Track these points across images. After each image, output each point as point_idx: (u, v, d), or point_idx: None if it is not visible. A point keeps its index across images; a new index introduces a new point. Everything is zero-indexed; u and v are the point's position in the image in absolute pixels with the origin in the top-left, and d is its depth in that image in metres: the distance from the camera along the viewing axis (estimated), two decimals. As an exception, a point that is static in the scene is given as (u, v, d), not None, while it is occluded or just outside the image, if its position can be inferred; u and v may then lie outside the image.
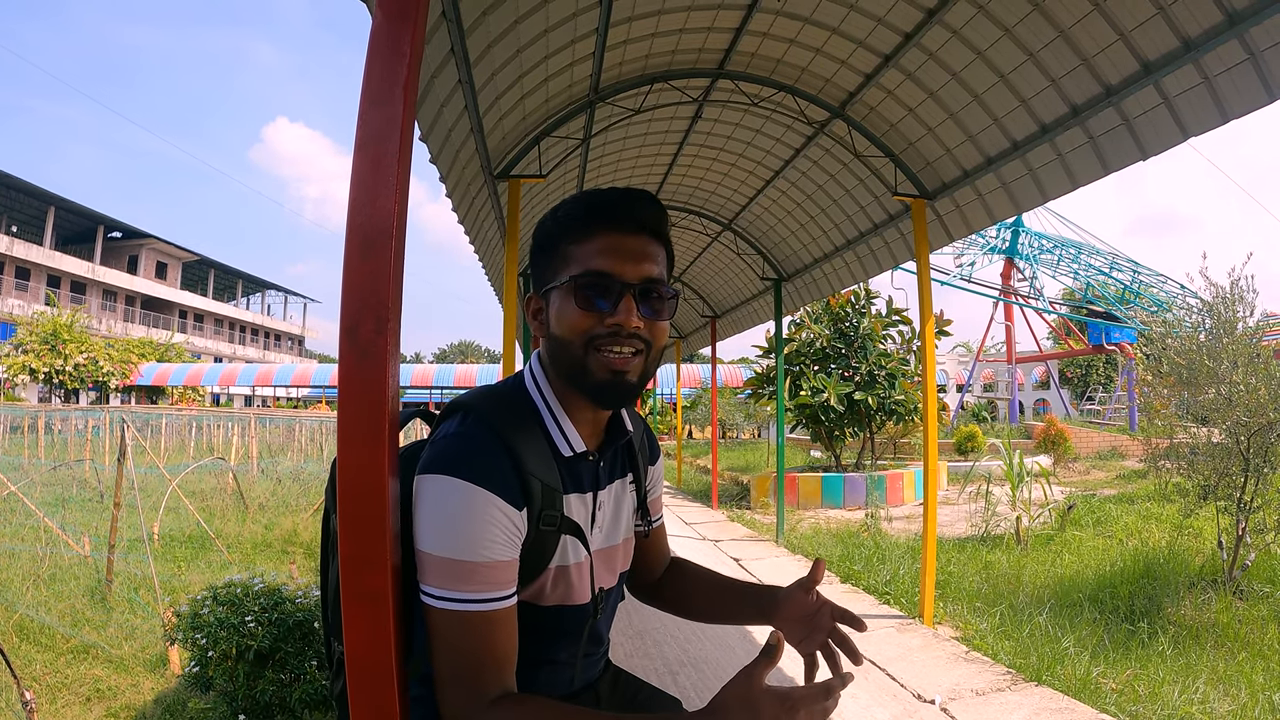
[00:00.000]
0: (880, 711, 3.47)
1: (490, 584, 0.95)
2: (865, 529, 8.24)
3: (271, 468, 12.71)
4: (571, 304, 1.02)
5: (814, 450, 16.18)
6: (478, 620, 0.94)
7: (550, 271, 1.07)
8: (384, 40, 0.97)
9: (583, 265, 1.02)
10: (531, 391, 1.09)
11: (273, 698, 2.87)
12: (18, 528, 7.04)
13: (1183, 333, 5.82)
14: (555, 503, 1.03)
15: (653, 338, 1.05)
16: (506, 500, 0.96)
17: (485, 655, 0.95)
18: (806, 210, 7.04)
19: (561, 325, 1.04)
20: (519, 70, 4.19)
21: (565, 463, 1.07)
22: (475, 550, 0.94)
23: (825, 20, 4.54)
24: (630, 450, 1.21)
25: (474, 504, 0.94)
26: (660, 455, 1.34)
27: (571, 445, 1.07)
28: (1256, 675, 3.73)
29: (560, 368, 1.06)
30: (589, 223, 1.05)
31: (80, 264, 38.10)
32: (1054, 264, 23.91)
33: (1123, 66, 3.61)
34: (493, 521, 0.95)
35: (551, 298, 1.06)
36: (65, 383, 30.87)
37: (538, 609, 1.06)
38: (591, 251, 1.03)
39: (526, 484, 0.99)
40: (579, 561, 1.09)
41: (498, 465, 0.97)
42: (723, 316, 11.45)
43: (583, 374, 1.03)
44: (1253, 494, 5.05)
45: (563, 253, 1.05)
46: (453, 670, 0.94)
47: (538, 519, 1.01)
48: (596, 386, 1.03)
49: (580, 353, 1.02)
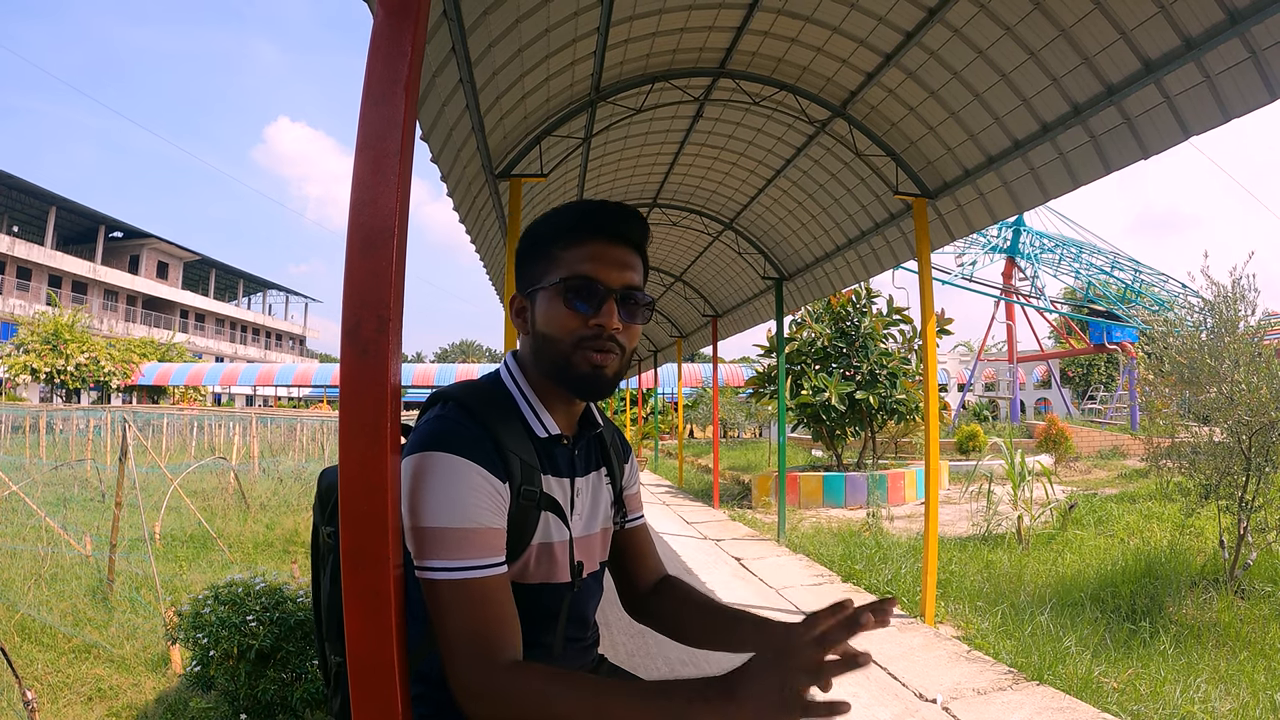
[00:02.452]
0: (882, 711, 3.47)
1: (486, 549, 1.00)
2: (867, 528, 8.24)
3: (273, 467, 12.72)
4: (560, 304, 1.10)
5: (815, 449, 16.19)
6: (479, 587, 0.98)
7: (537, 273, 1.14)
8: (385, 39, 0.97)
9: (571, 269, 1.10)
10: (508, 383, 1.17)
11: (274, 697, 2.87)
12: (19, 527, 7.04)
13: (1184, 332, 5.80)
14: (534, 479, 1.09)
15: (629, 340, 1.14)
16: (491, 471, 1.02)
17: (492, 621, 0.98)
18: (808, 209, 7.04)
19: (548, 324, 1.11)
20: (520, 69, 4.19)
21: (541, 444, 1.13)
22: (469, 517, 0.99)
23: (826, 19, 4.54)
24: (602, 443, 1.29)
25: (462, 474, 1.00)
26: (632, 453, 1.40)
27: (546, 428, 1.14)
28: (1258, 674, 3.73)
29: (544, 362, 1.13)
30: (580, 230, 1.12)
31: (81, 264, 38.13)
32: (1055, 263, 23.89)
33: (1124, 65, 3.61)
34: (480, 490, 1.01)
35: (538, 298, 1.13)
36: (67, 383, 30.90)
37: (521, 587, 1.09)
38: (580, 257, 1.10)
39: (506, 459, 1.05)
40: (561, 540, 1.14)
41: (480, 442, 1.04)
42: (724, 316, 11.44)
43: (566, 368, 1.10)
44: (1254, 493, 5.04)
45: (551, 256, 1.12)
46: (463, 641, 0.96)
47: (518, 493, 1.06)
48: (578, 379, 1.10)
49: (566, 349, 1.10)
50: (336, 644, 1.15)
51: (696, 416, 30.34)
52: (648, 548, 1.39)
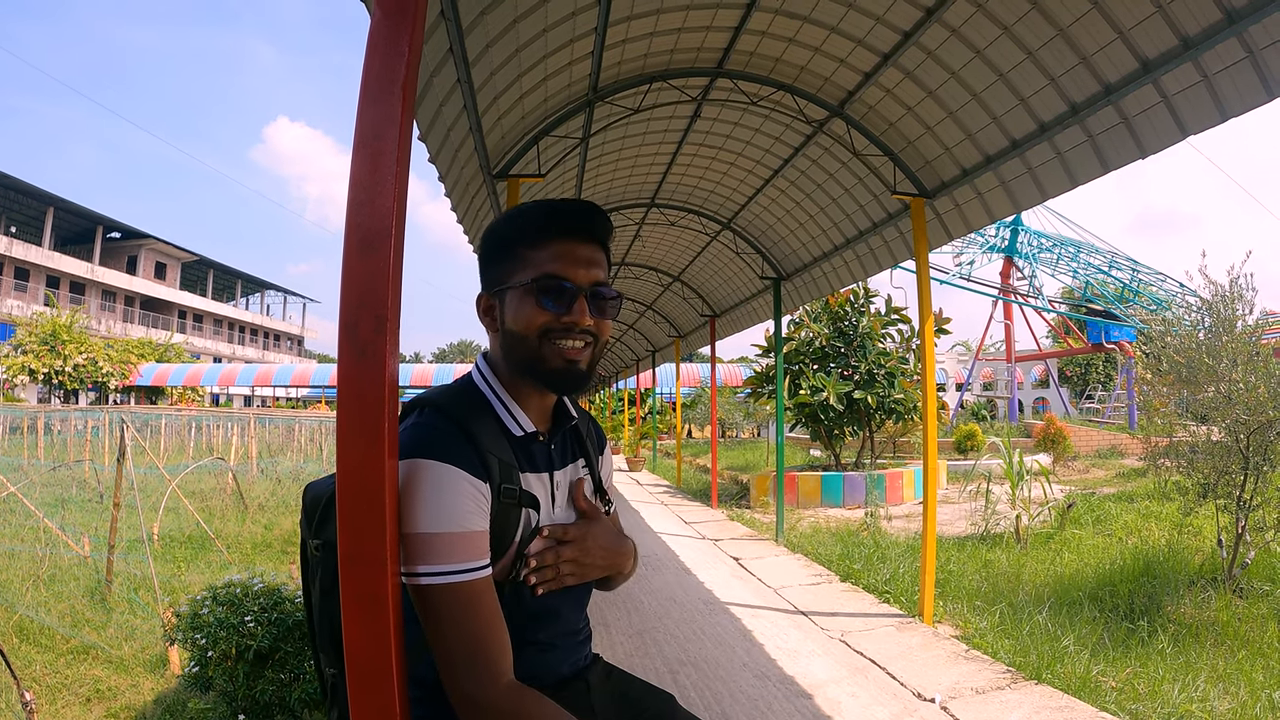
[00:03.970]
0: (880, 710, 3.47)
1: (473, 552, 1.01)
2: (865, 528, 8.24)
3: (271, 468, 12.72)
4: (531, 303, 1.11)
5: (813, 449, 16.19)
6: (468, 590, 0.99)
7: (504, 272, 1.15)
8: (382, 38, 0.97)
9: (540, 269, 1.12)
10: (481, 385, 1.18)
11: (272, 697, 2.86)
12: (17, 528, 7.03)
13: (1182, 331, 5.81)
14: (513, 477, 1.10)
15: (600, 333, 1.17)
16: (473, 474, 1.03)
17: (487, 633, 0.99)
18: (805, 209, 7.04)
19: (519, 322, 1.12)
20: (518, 69, 4.19)
21: (518, 443, 1.15)
22: (455, 521, 1.00)
23: (824, 19, 4.54)
24: (578, 435, 1.30)
25: (446, 480, 1.01)
26: (608, 443, 1.42)
27: (521, 426, 1.16)
28: (1256, 673, 3.73)
29: (515, 360, 1.15)
30: (547, 230, 1.14)
31: (79, 264, 38.05)
32: (1053, 262, 23.90)
33: (1122, 65, 3.61)
34: (464, 493, 1.02)
35: (507, 297, 1.14)
36: (64, 383, 30.84)
37: (505, 585, 1.09)
38: (548, 256, 1.12)
39: (485, 461, 1.06)
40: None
41: (459, 446, 1.05)
42: (722, 316, 11.44)
43: (539, 363, 1.12)
44: (1252, 492, 5.05)
45: (519, 255, 1.14)
46: (459, 648, 0.97)
47: (499, 492, 1.07)
48: (551, 373, 1.13)
49: (536, 345, 1.12)
50: (331, 656, 1.15)
51: (695, 416, 30.33)
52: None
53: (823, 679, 3.87)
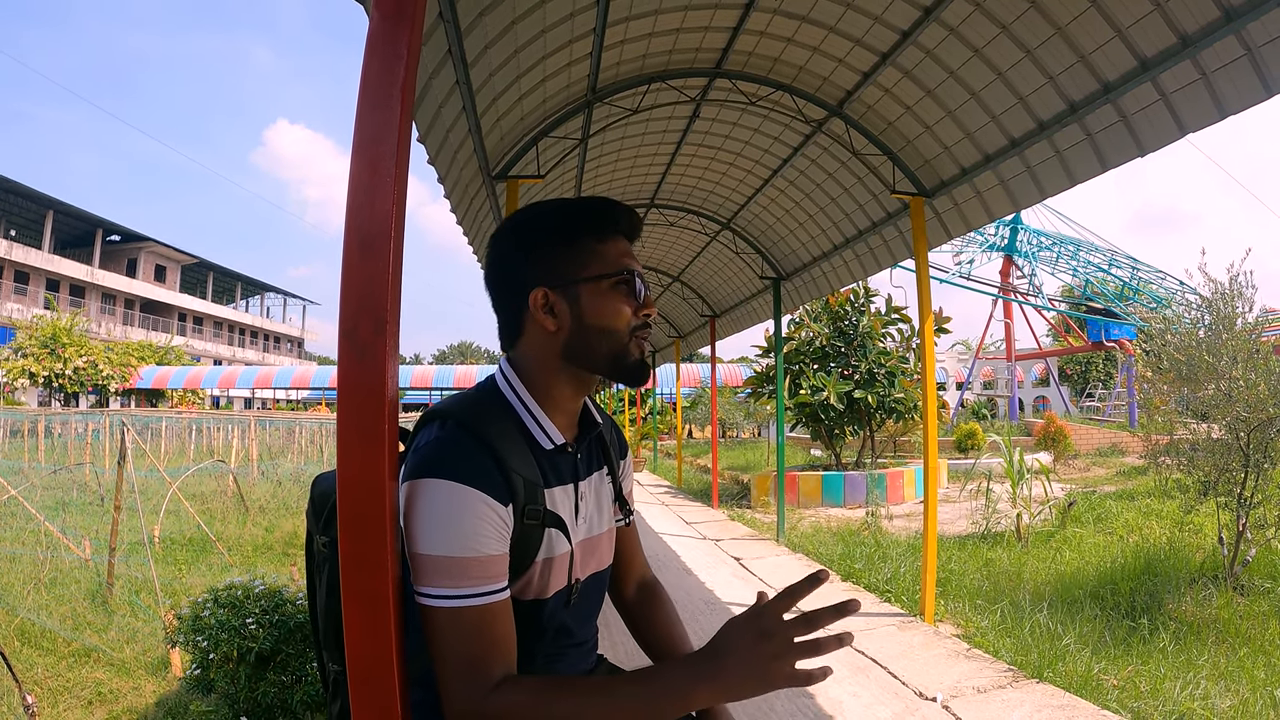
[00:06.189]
0: (882, 709, 3.47)
1: (485, 577, 0.98)
2: (866, 527, 8.24)
3: (272, 470, 12.72)
4: (619, 297, 1.10)
5: (814, 449, 16.18)
6: (475, 614, 0.97)
7: (572, 266, 1.10)
8: (381, 41, 0.97)
9: (616, 264, 1.11)
10: (506, 392, 1.13)
11: (274, 699, 2.87)
12: (18, 532, 7.04)
13: (1182, 329, 5.81)
14: (537, 497, 1.06)
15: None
16: (494, 497, 0.99)
17: (486, 646, 0.97)
18: (805, 209, 7.04)
19: (606, 316, 1.10)
20: (516, 71, 4.19)
21: (546, 456, 1.11)
22: (469, 546, 0.96)
23: (822, 19, 4.54)
24: (602, 442, 1.28)
25: (464, 503, 0.97)
26: (629, 449, 1.40)
27: (551, 439, 1.12)
28: (1258, 671, 3.73)
29: (592, 357, 1.11)
30: (613, 224, 1.13)
31: (79, 267, 38.05)
32: (1053, 261, 23.89)
33: (1120, 63, 3.61)
34: (483, 518, 0.98)
35: (583, 290, 1.10)
36: (65, 386, 30.82)
37: (522, 603, 1.08)
38: (619, 252, 1.13)
39: (510, 480, 1.02)
40: (563, 553, 1.12)
41: (481, 464, 1.00)
42: (722, 316, 11.45)
43: (624, 357, 1.12)
44: (1253, 490, 5.05)
45: (589, 248, 1.11)
46: (456, 667, 0.96)
47: (522, 513, 1.04)
48: (633, 366, 1.13)
49: (625, 339, 1.11)
50: (334, 652, 1.14)
51: (695, 416, 30.31)
52: (636, 547, 1.41)
53: (824, 678, 3.86)
